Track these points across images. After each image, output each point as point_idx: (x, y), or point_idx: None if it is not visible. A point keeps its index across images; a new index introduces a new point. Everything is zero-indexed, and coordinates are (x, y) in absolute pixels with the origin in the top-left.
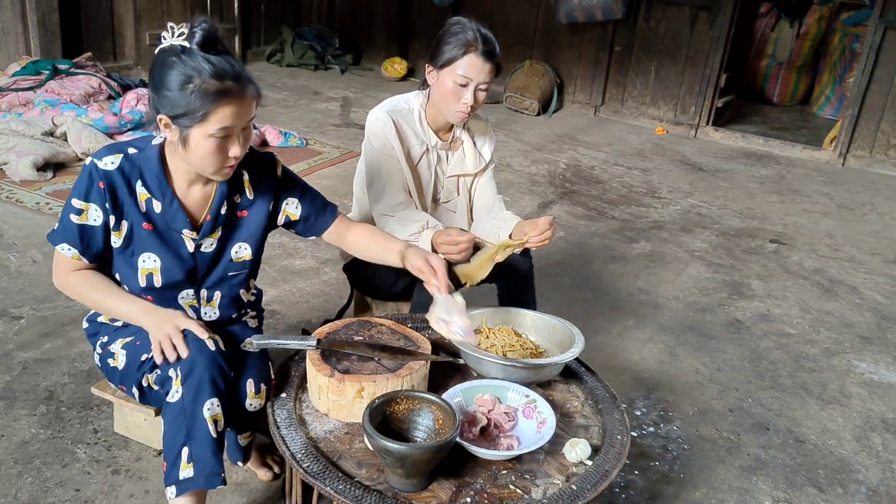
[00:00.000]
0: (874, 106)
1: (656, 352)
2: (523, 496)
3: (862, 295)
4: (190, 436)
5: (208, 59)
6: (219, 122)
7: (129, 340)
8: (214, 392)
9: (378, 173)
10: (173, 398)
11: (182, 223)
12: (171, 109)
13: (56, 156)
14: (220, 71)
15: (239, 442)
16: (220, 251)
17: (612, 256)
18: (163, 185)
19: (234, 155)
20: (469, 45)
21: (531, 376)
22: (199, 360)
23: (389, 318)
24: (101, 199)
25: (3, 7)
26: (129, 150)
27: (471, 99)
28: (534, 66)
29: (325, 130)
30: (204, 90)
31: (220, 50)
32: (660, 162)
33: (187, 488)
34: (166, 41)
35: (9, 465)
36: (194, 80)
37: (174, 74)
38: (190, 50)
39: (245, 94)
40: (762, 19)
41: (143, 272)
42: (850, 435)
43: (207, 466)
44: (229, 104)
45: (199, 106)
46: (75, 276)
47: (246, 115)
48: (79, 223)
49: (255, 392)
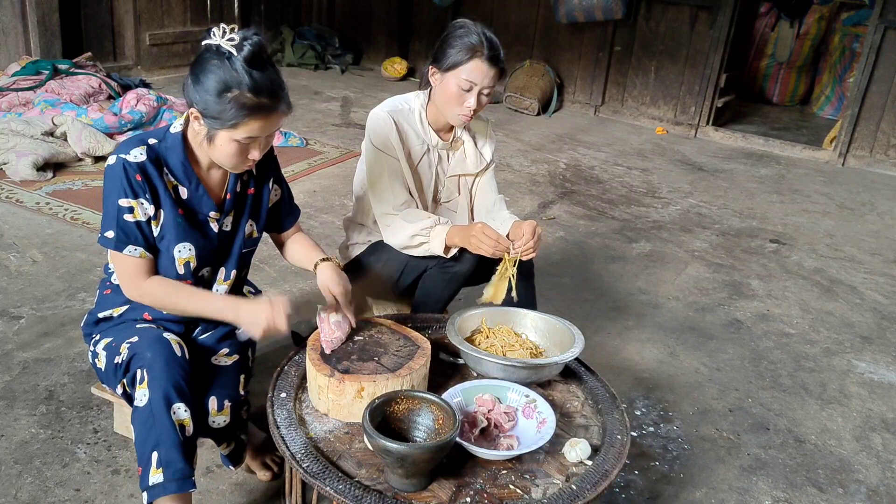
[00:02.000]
0: (874, 106)
1: (656, 352)
2: (523, 496)
3: (862, 295)
4: (158, 440)
5: (251, 74)
6: (247, 132)
7: (108, 342)
8: (180, 397)
9: (380, 173)
10: (140, 402)
11: (208, 206)
12: (205, 109)
13: (56, 156)
14: (260, 87)
15: (221, 452)
16: (235, 229)
17: (612, 256)
18: (188, 170)
19: (254, 158)
20: (475, 50)
21: (531, 376)
22: (163, 364)
23: (389, 318)
24: (143, 191)
25: (3, 7)
26: (150, 141)
27: (474, 103)
28: (534, 65)
29: (325, 130)
30: (240, 102)
31: (264, 65)
32: (660, 162)
33: (158, 494)
34: (214, 38)
35: (9, 465)
36: (233, 89)
37: (214, 79)
38: (235, 58)
39: (278, 111)
40: (762, 19)
41: (180, 262)
42: (850, 435)
43: (177, 471)
44: (260, 118)
45: (232, 115)
46: (150, 284)
47: (273, 127)
48: (134, 221)
49: (217, 409)
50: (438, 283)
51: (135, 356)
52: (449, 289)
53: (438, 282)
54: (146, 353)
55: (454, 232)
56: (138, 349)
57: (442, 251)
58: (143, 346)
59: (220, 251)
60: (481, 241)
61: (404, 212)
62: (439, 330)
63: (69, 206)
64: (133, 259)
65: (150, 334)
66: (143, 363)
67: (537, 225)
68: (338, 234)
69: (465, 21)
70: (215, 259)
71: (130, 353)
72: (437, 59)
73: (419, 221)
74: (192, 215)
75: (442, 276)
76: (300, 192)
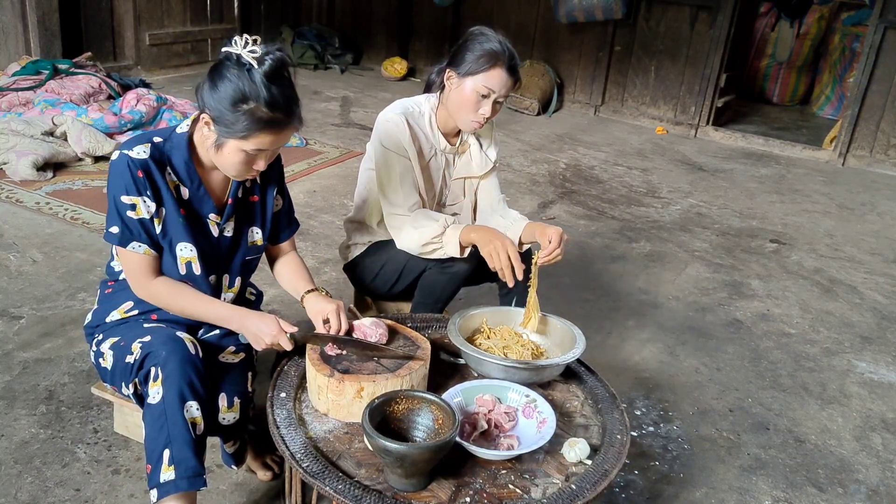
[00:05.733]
0: (874, 106)
1: (656, 352)
2: (523, 496)
3: (862, 295)
4: (170, 438)
5: (269, 88)
6: (256, 145)
7: (115, 341)
8: (193, 395)
9: (391, 174)
10: (153, 400)
11: (209, 207)
12: (218, 116)
13: (56, 156)
14: (275, 102)
15: (226, 450)
16: (238, 236)
17: (612, 256)
18: (191, 171)
19: (259, 169)
20: (497, 58)
21: (532, 377)
22: (178, 363)
23: (389, 318)
24: (145, 188)
25: (3, 7)
26: (155, 139)
27: (489, 110)
28: (534, 65)
29: (325, 130)
30: (255, 115)
31: (283, 81)
32: (660, 162)
33: (168, 491)
34: (236, 47)
35: (9, 464)
36: (249, 101)
37: (231, 88)
38: (255, 71)
39: (290, 126)
40: (762, 19)
41: (182, 261)
42: (850, 435)
43: (189, 469)
44: (271, 133)
45: (244, 126)
46: (156, 285)
47: (283, 142)
48: (137, 218)
49: (227, 406)
50: (438, 282)
51: (149, 354)
52: (448, 288)
53: (438, 282)
54: (161, 351)
55: (469, 229)
56: (153, 347)
57: (458, 253)
58: (158, 344)
59: (223, 258)
60: (499, 255)
61: (413, 216)
62: (439, 330)
63: (69, 206)
64: (138, 256)
65: (163, 333)
66: (158, 361)
67: (563, 232)
68: (338, 234)
69: (484, 28)
70: (219, 266)
71: (144, 352)
72: (455, 63)
73: (428, 229)
74: (194, 215)
75: (441, 276)
76: (300, 192)
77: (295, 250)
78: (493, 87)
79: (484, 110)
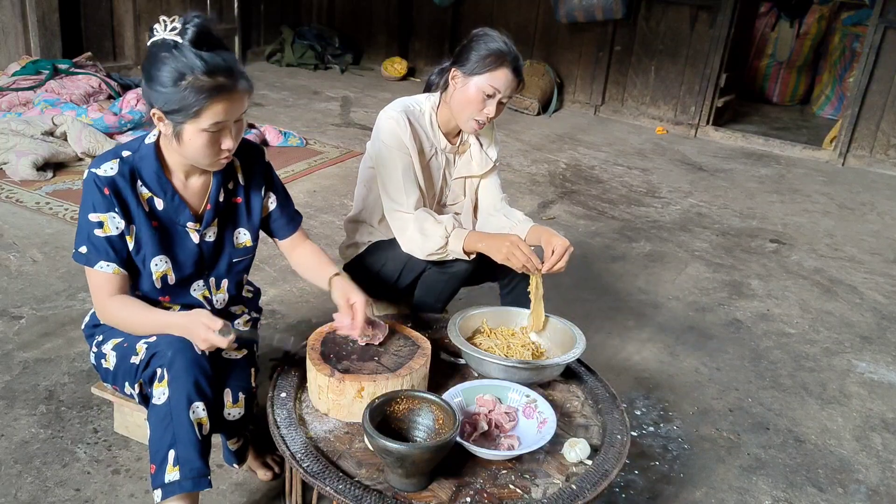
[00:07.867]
0: (874, 106)
1: (656, 351)
2: (523, 496)
3: (862, 295)
4: (176, 438)
5: (200, 56)
6: (212, 118)
7: (118, 342)
8: (199, 396)
9: (392, 171)
10: (159, 400)
11: (185, 217)
12: (165, 105)
13: (56, 155)
14: (213, 67)
15: (229, 448)
16: (222, 239)
17: (612, 256)
18: (162, 181)
19: (227, 147)
20: (503, 58)
21: (533, 377)
22: (185, 363)
23: (389, 318)
24: (112, 206)
25: (3, 7)
26: (124, 154)
27: (493, 111)
28: (534, 65)
29: (325, 130)
30: (197, 87)
31: (212, 44)
32: (660, 162)
33: (173, 492)
34: (158, 34)
35: (9, 464)
36: (187, 76)
37: (166, 70)
38: (181, 45)
39: (237, 89)
40: (762, 19)
41: (157, 275)
42: (850, 435)
43: (194, 469)
44: (222, 100)
45: (192, 102)
46: (113, 302)
47: (238, 109)
48: (105, 236)
49: (232, 402)
50: (438, 282)
51: (155, 355)
52: (448, 288)
53: (438, 281)
54: (167, 351)
55: (475, 239)
56: (159, 348)
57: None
58: (164, 344)
59: (206, 262)
60: (515, 255)
61: (416, 219)
62: (439, 330)
63: (69, 206)
64: (105, 275)
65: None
66: (164, 362)
67: (570, 245)
68: (338, 234)
69: (489, 29)
70: (199, 270)
71: (150, 352)
72: (460, 62)
73: (432, 241)
74: (169, 227)
75: (441, 276)
76: (300, 192)
77: (309, 239)
78: (499, 87)
79: (488, 110)
